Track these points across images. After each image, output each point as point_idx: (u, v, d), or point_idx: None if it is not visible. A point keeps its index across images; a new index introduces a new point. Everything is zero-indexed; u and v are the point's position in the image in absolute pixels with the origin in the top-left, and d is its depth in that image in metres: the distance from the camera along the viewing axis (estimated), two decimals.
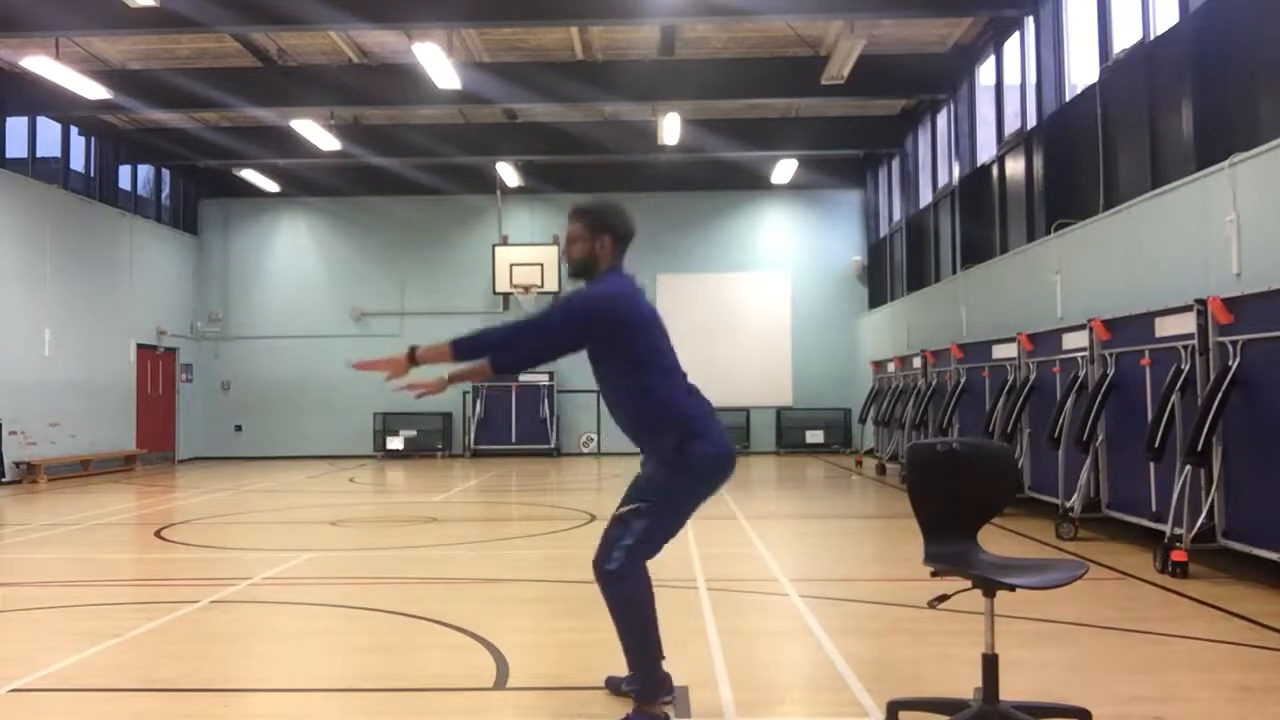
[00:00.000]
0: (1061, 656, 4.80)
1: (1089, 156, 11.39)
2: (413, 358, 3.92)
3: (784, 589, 6.52)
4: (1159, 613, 5.73)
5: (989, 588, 3.48)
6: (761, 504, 12.34)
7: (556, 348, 4.02)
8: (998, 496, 3.90)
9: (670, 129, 17.37)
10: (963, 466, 3.72)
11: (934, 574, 3.62)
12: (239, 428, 22.81)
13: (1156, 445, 7.22)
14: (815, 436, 21.96)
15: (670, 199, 21.49)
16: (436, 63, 13.87)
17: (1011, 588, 3.41)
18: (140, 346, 20.28)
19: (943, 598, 3.64)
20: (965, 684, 3.91)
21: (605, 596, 3.89)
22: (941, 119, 17.50)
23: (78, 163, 19.34)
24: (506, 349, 3.96)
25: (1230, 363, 6.67)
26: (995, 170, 14.82)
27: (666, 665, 4.06)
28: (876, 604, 6.06)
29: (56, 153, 18.75)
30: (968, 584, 3.52)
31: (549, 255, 21.92)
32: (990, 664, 3.57)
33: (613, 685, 4.25)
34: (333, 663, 5.08)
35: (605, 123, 19.32)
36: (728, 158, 20.65)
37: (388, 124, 19.59)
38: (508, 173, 21.00)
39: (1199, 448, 6.61)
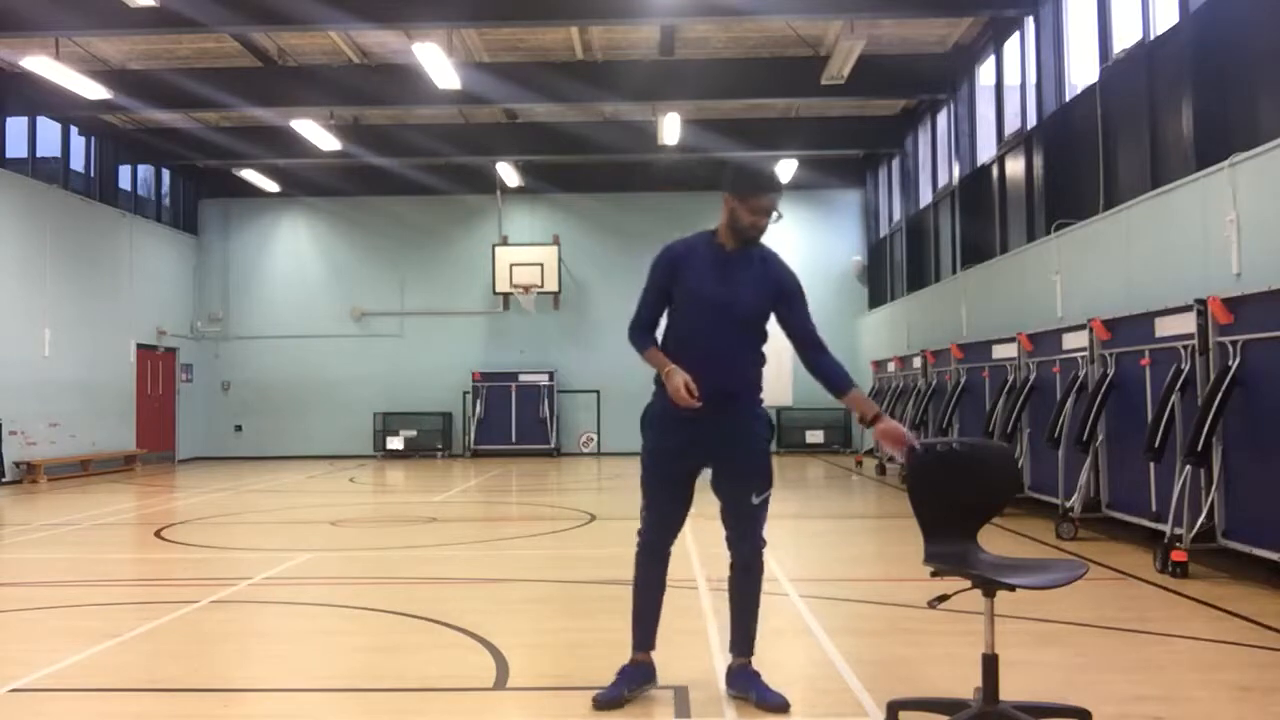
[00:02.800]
0: (1061, 656, 4.80)
1: (1089, 156, 11.39)
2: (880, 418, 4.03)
3: (784, 589, 6.51)
4: (1159, 613, 5.73)
5: (989, 588, 3.48)
6: None
7: None
8: (998, 496, 3.90)
9: (670, 129, 17.36)
10: (963, 466, 3.72)
11: (934, 574, 3.62)
12: (239, 428, 22.81)
13: (1156, 445, 7.22)
14: (815, 436, 21.97)
15: (670, 199, 21.48)
16: (436, 63, 13.87)
17: (1011, 588, 3.41)
18: (140, 346, 20.28)
19: (943, 598, 3.64)
20: (965, 684, 3.91)
21: (760, 567, 4.16)
22: (941, 119, 17.49)
23: (78, 163, 19.34)
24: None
25: (1230, 363, 6.66)
26: (995, 170, 14.82)
27: (655, 655, 4.22)
28: (876, 604, 6.06)
29: (56, 153, 18.74)
30: (968, 584, 3.52)
31: (549, 255, 21.92)
32: (990, 664, 3.56)
33: (607, 700, 4.05)
34: (333, 663, 5.08)
35: (605, 123, 19.32)
36: (728, 158, 20.62)
37: (388, 124, 19.59)
38: (508, 173, 21.00)
39: (1199, 448, 6.61)
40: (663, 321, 4.23)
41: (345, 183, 22.38)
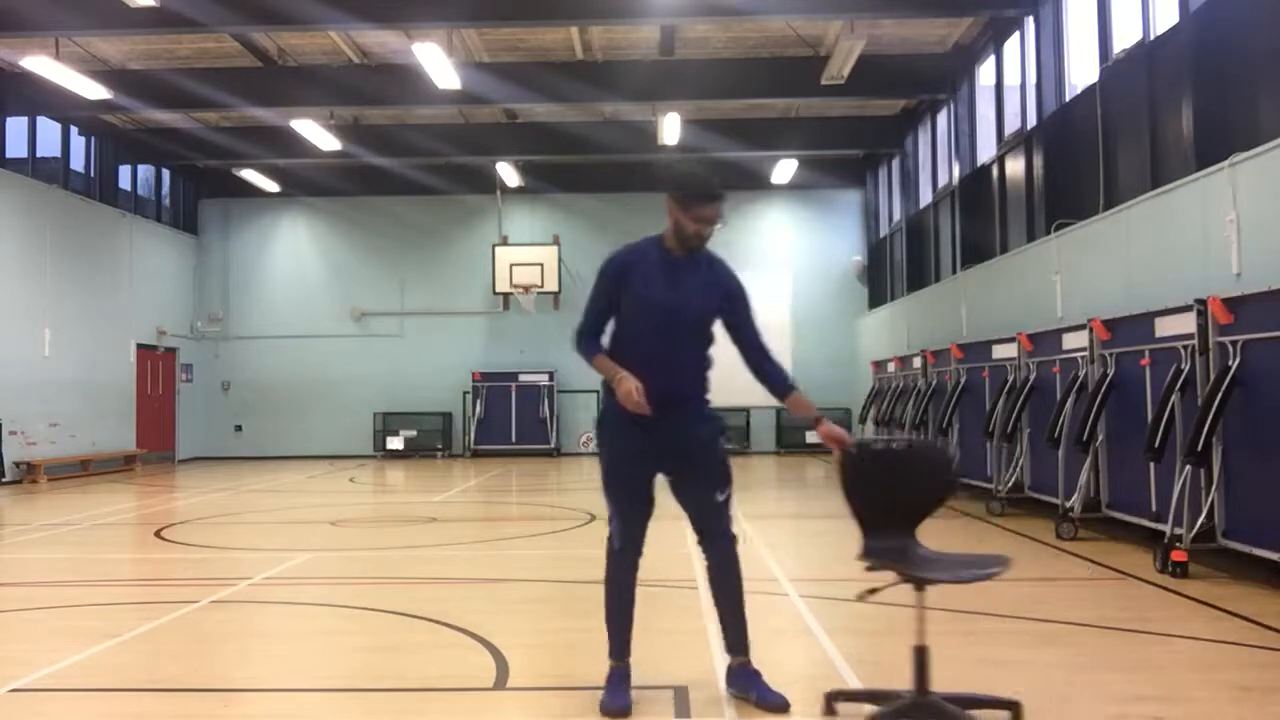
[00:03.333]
0: (1061, 656, 4.80)
1: (1089, 156, 11.39)
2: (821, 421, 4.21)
3: (784, 589, 6.52)
4: (1159, 613, 5.73)
5: (917, 583, 3.66)
6: (761, 504, 12.34)
7: None
8: (933, 493, 4.00)
9: (670, 129, 17.36)
10: (899, 465, 3.94)
11: (868, 569, 3.74)
12: (239, 428, 22.81)
13: (1156, 445, 7.22)
14: (815, 436, 21.81)
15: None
16: (436, 63, 13.87)
17: (933, 581, 3.63)
18: (140, 346, 20.28)
19: (873, 591, 3.84)
20: (962, 684, 3.92)
21: (736, 561, 4.20)
22: (941, 119, 17.49)
23: (78, 163, 19.34)
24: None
25: (1230, 363, 6.66)
26: (995, 170, 14.81)
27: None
28: (876, 604, 6.01)
29: (56, 153, 18.74)
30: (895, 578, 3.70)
31: (549, 255, 21.91)
32: (921, 655, 3.71)
33: (620, 709, 3.96)
34: (333, 663, 5.08)
35: (605, 123, 19.32)
36: (728, 158, 20.64)
37: (388, 124, 19.59)
38: (508, 173, 21.00)
39: (1199, 448, 6.60)
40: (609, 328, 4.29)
41: (345, 183, 22.38)
